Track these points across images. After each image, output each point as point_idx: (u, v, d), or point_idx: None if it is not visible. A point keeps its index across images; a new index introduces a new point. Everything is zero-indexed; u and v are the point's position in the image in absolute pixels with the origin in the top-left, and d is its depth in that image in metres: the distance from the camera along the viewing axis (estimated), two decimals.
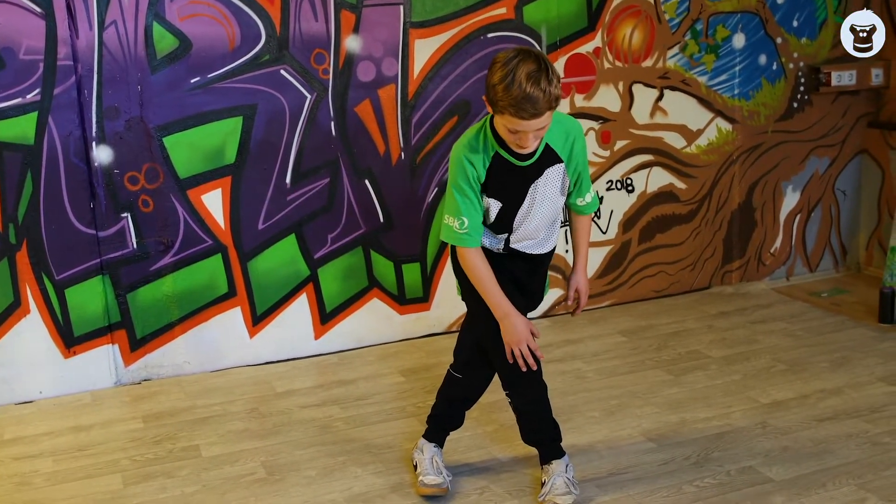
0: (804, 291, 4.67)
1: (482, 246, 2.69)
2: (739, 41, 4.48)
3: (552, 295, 4.39)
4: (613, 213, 4.44)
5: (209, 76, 3.66)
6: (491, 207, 2.62)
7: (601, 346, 4.05)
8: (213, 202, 3.78)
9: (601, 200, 4.36)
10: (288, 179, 3.85)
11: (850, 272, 4.98)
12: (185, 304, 3.82)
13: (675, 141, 4.48)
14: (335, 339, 4.08)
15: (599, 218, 4.42)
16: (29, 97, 3.46)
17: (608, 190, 4.39)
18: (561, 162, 2.62)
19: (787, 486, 2.81)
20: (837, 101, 4.72)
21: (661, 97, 4.40)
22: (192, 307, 3.83)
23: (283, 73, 3.76)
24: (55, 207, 3.56)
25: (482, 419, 3.32)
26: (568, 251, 4.34)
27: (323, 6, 3.76)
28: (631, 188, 4.45)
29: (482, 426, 3.28)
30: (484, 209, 2.63)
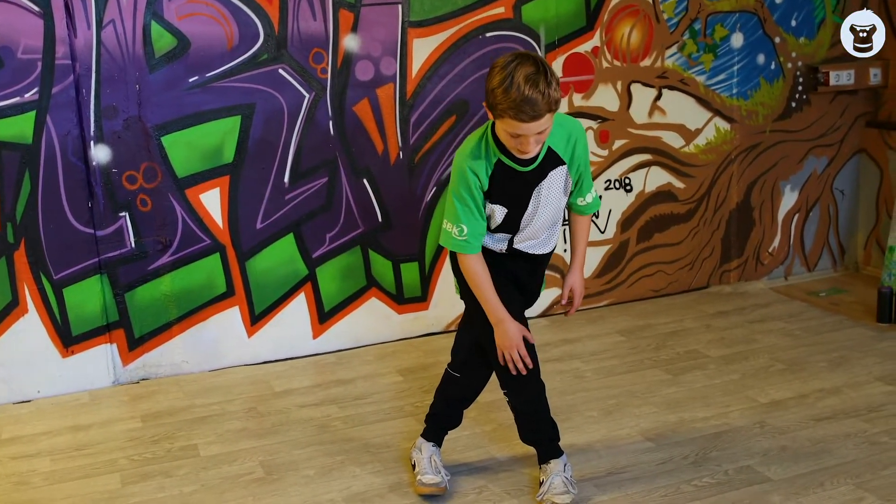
0: (802, 291, 4.67)
1: (485, 246, 2.69)
2: (738, 41, 4.48)
3: (551, 294, 4.39)
4: (612, 212, 4.44)
5: (207, 75, 3.66)
6: (496, 213, 2.63)
7: (599, 345, 4.05)
8: (211, 201, 3.78)
9: (600, 199, 4.35)
10: (286, 179, 3.85)
11: (848, 272, 4.98)
12: (183, 303, 3.82)
13: (673, 140, 4.48)
14: (333, 338, 4.08)
15: (598, 217, 4.43)
16: (27, 96, 3.46)
17: (606, 189, 4.39)
18: (563, 164, 2.63)
19: (785, 485, 2.81)
20: (836, 100, 4.72)
21: (659, 97, 4.40)
22: (190, 306, 3.83)
23: (281, 72, 3.76)
24: (53, 207, 3.56)
25: (480, 418, 3.32)
26: (566, 250, 4.34)
27: (321, 5, 3.76)
28: (629, 187, 4.45)
29: (480, 425, 3.28)
30: (488, 215, 2.64)
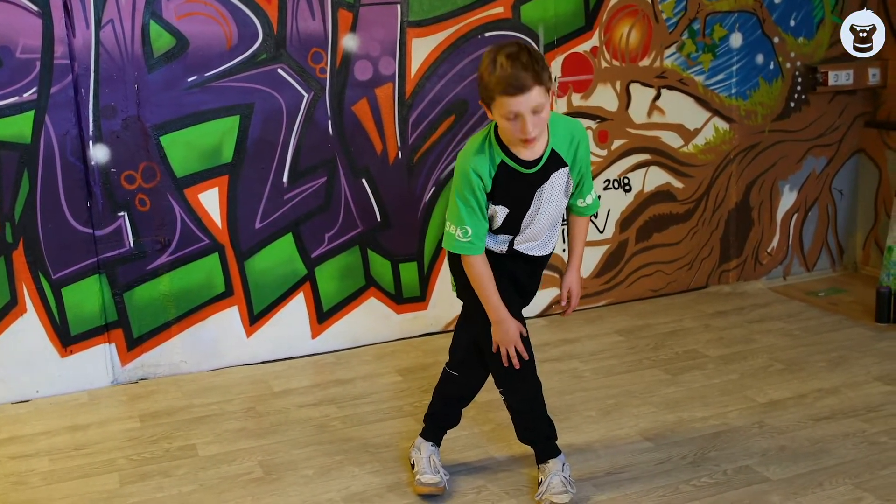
0: (801, 291, 4.67)
1: (488, 249, 2.69)
2: (737, 40, 4.48)
3: (549, 294, 4.39)
4: (610, 212, 4.44)
5: (206, 75, 3.66)
6: (498, 214, 2.63)
7: (598, 345, 4.05)
8: (210, 201, 3.78)
9: (599, 200, 4.35)
10: (285, 178, 3.85)
11: (846, 272, 4.98)
12: (181, 303, 3.81)
13: (672, 140, 4.48)
14: (332, 338, 4.08)
15: (596, 217, 4.43)
16: (25, 96, 3.46)
17: (605, 189, 4.39)
18: (566, 166, 2.63)
19: (783, 485, 2.81)
20: (834, 100, 4.72)
21: (658, 96, 4.40)
22: (188, 306, 3.83)
23: (280, 71, 3.76)
24: (52, 206, 3.56)
25: (479, 418, 3.32)
26: (566, 250, 4.34)
27: (320, 5, 3.75)
28: (628, 187, 4.45)
29: (479, 425, 3.28)
30: (490, 216, 2.64)
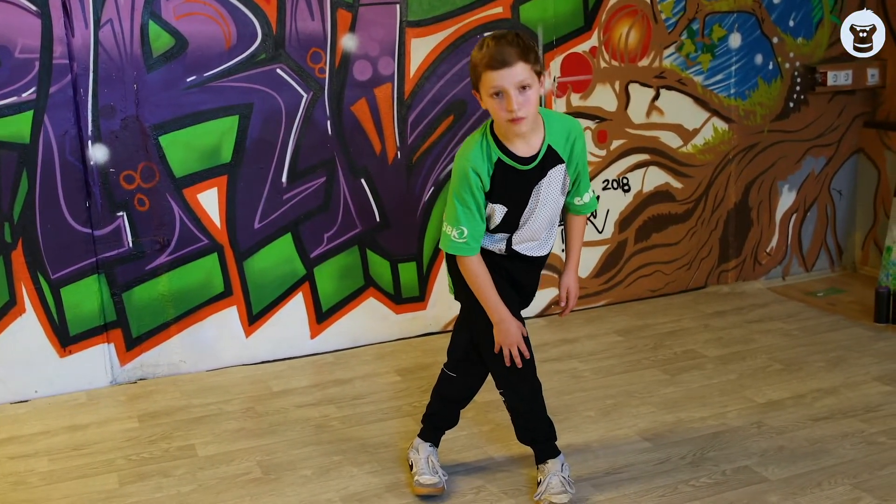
0: (800, 291, 4.68)
1: (485, 248, 2.69)
2: (736, 41, 4.48)
3: (548, 294, 4.39)
4: (609, 212, 4.44)
5: (205, 75, 3.66)
6: (496, 212, 2.63)
7: (597, 345, 4.05)
8: (209, 201, 3.78)
9: (598, 199, 4.35)
10: (284, 178, 3.85)
11: (845, 272, 4.98)
12: (180, 303, 3.81)
13: (671, 140, 4.48)
14: (331, 338, 4.08)
15: (595, 217, 4.43)
16: (24, 96, 3.46)
17: (604, 189, 4.39)
18: (562, 162, 2.63)
19: (782, 485, 2.82)
20: (833, 100, 4.72)
21: (657, 97, 4.40)
22: (187, 306, 3.83)
23: (279, 72, 3.75)
24: (51, 206, 3.56)
25: (478, 419, 3.32)
26: (564, 250, 4.34)
27: (319, 5, 3.75)
28: (627, 187, 4.45)
29: (478, 426, 3.28)
30: (487, 216, 2.64)
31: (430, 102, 4.00)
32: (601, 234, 4.45)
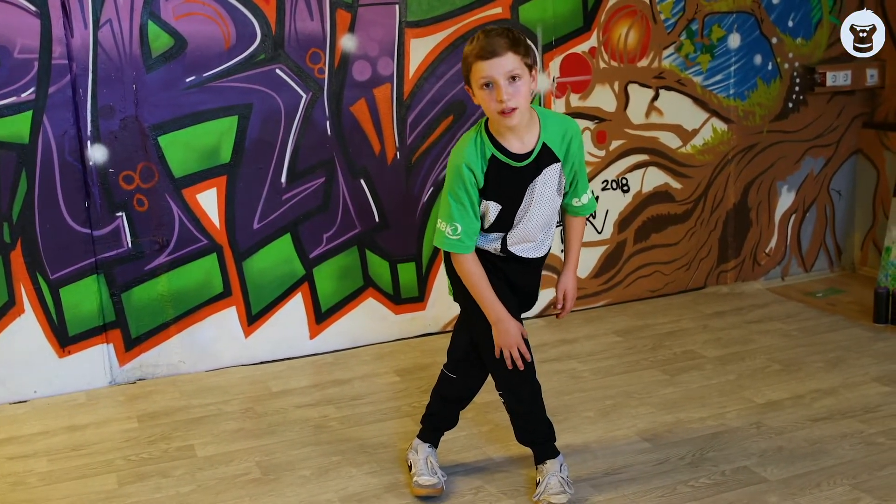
0: (799, 291, 4.68)
1: (481, 248, 2.69)
2: (735, 41, 4.48)
3: (547, 295, 4.38)
4: (609, 212, 4.44)
5: (204, 75, 3.66)
6: (490, 210, 2.62)
7: (596, 345, 4.05)
8: (208, 201, 3.78)
9: (597, 200, 4.35)
10: (283, 179, 3.85)
11: (845, 272, 4.98)
12: (179, 303, 3.81)
13: (670, 141, 4.48)
14: (330, 338, 4.08)
15: (595, 218, 4.43)
16: (24, 96, 3.46)
17: (603, 190, 4.39)
18: (558, 161, 2.63)
19: (781, 486, 2.82)
20: (832, 101, 4.73)
21: (656, 97, 4.40)
22: (187, 307, 3.83)
23: (278, 72, 3.75)
24: (50, 207, 3.56)
25: (477, 419, 3.32)
26: (563, 250, 4.34)
27: (318, 5, 3.75)
28: (626, 188, 4.45)
29: (477, 426, 3.28)
30: (481, 213, 2.63)
31: (429, 103, 4.00)
32: (600, 234, 4.45)
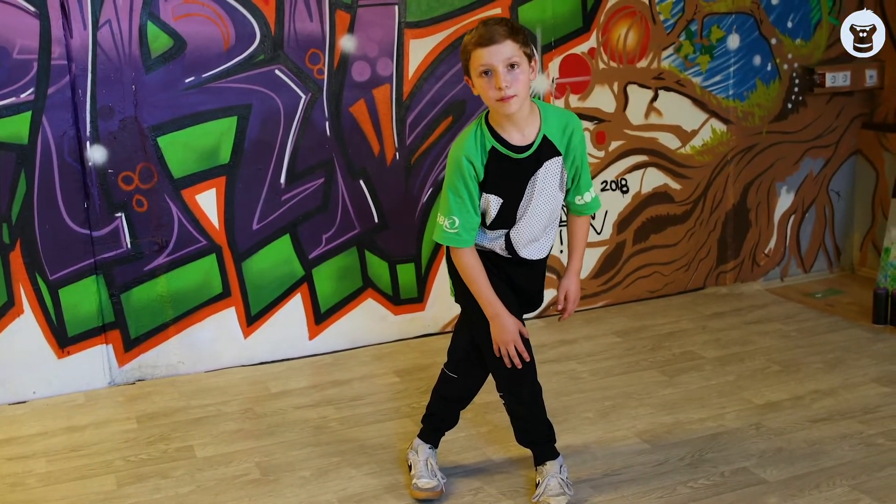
0: (798, 292, 4.68)
1: (485, 249, 2.69)
2: (734, 42, 4.48)
3: (547, 296, 4.37)
4: (608, 213, 4.44)
5: (204, 76, 3.66)
6: (491, 204, 2.61)
7: (596, 346, 4.05)
8: (207, 202, 3.77)
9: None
10: (282, 179, 3.85)
11: (844, 273, 4.99)
12: (179, 304, 3.81)
13: (669, 142, 4.49)
14: (330, 339, 4.07)
15: (594, 218, 4.43)
16: (23, 97, 3.46)
17: (603, 190, 4.39)
18: (559, 155, 2.62)
19: (780, 487, 2.82)
20: (832, 102, 4.73)
21: (655, 98, 4.40)
22: (186, 307, 3.83)
23: (277, 72, 3.75)
24: (49, 207, 3.55)
25: (476, 420, 3.32)
26: (563, 251, 4.34)
27: (318, 6, 3.75)
28: (625, 189, 4.45)
29: (476, 427, 3.28)
30: (483, 210, 2.63)
31: (428, 103, 4.00)
32: (599, 235, 4.45)
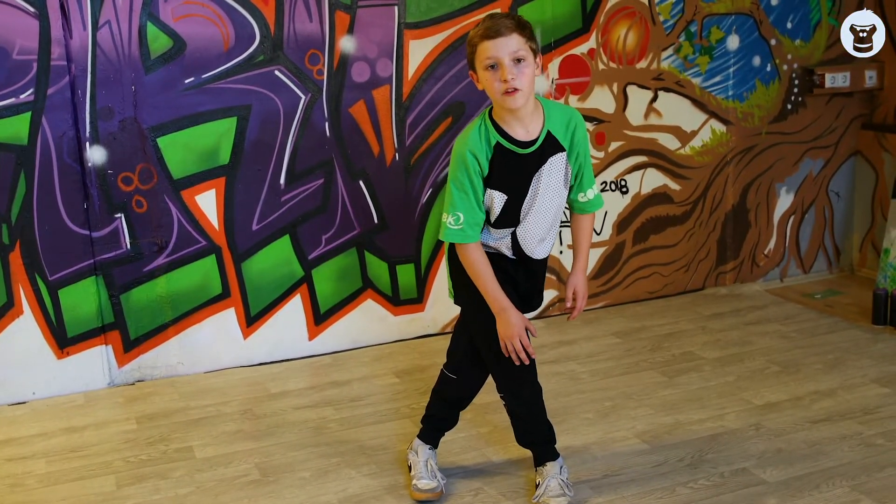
0: (798, 293, 4.68)
1: (490, 249, 2.68)
2: (734, 43, 4.48)
3: (547, 296, 4.38)
4: (607, 214, 4.44)
5: (203, 77, 3.66)
6: (495, 201, 2.61)
7: (595, 347, 4.05)
8: (206, 203, 3.77)
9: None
10: (282, 180, 3.85)
11: (843, 273, 4.99)
12: (178, 304, 3.81)
13: (669, 142, 4.49)
14: (329, 340, 4.07)
15: (595, 217, 4.42)
16: (22, 97, 3.46)
17: (602, 191, 4.39)
18: (563, 150, 2.62)
19: (780, 487, 2.82)
20: (831, 102, 4.73)
21: (655, 99, 4.40)
22: (185, 308, 3.83)
23: (277, 73, 3.75)
24: (49, 208, 3.55)
25: (476, 421, 3.32)
26: (563, 251, 4.34)
27: (317, 6, 3.75)
28: (625, 189, 4.45)
29: (476, 428, 3.28)
30: (487, 207, 2.62)
31: (428, 104, 4.00)
32: (599, 235, 4.45)
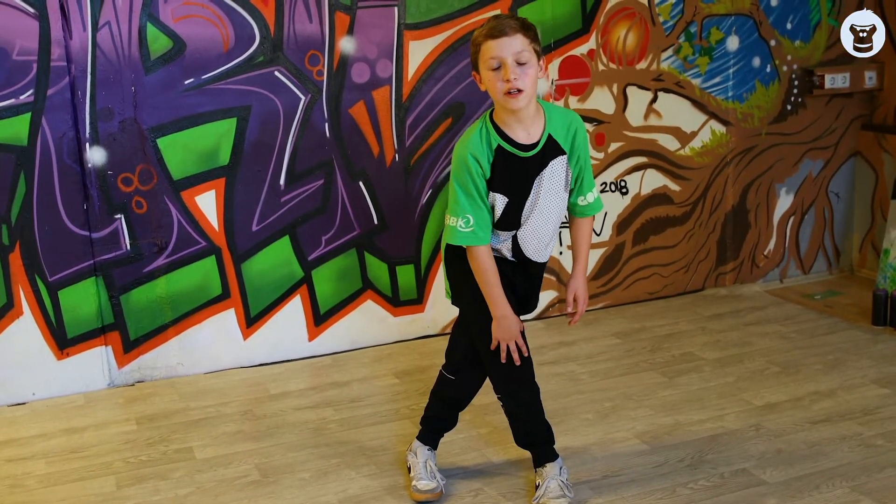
0: (798, 293, 4.68)
1: (492, 250, 2.68)
2: (733, 43, 4.48)
3: (546, 297, 4.39)
4: (607, 215, 4.44)
5: (203, 77, 3.66)
6: (497, 203, 2.61)
7: (595, 348, 4.05)
8: (206, 203, 3.77)
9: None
10: (282, 181, 3.85)
11: (843, 274, 4.99)
12: (178, 305, 3.81)
13: (668, 143, 4.49)
14: (329, 340, 4.07)
15: (594, 219, 4.41)
16: (22, 98, 3.46)
17: (602, 192, 4.39)
18: (564, 154, 2.62)
19: (780, 488, 2.82)
20: (831, 103, 4.73)
21: (655, 99, 4.40)
22: (185, 309, 3.83)
23: (277, 74, 3.75)
24: (48, 209, 3.55)
25: (476, 421, 3.32)
26: (562, 253, 4.34)
27: (317, 7, 3.76)
28: (625, 190, 4.45)
29: (476, 428, 3.28)
30: (490, 206, 2.62)
31: (428, 105, 4.00)
32: (599, 236, 4.45)
